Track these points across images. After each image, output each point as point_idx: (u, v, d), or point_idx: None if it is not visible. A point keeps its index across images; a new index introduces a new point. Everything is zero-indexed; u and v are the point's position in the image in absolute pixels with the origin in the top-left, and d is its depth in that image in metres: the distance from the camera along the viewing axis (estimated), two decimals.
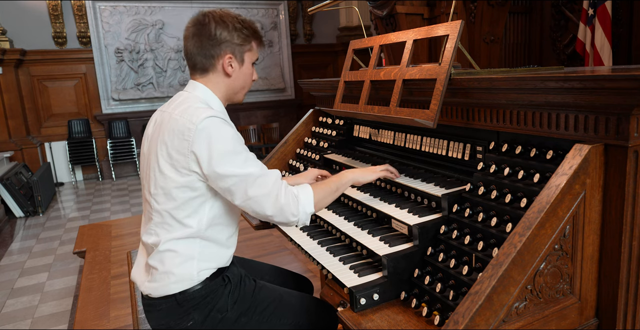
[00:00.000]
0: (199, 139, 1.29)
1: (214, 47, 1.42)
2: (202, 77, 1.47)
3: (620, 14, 4.20)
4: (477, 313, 0.95)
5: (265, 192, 1.34)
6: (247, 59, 1.48)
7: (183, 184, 1.34)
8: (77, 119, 7.56)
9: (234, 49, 1.44)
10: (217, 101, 1.48)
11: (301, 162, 2.36)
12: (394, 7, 4.28)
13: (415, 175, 1.58)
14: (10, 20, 6.98)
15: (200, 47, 1.42)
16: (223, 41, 1.42)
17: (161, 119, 1.42)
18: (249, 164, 1.34)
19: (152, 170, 1.39)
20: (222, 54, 1.43)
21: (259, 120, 9.11)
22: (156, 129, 1.43)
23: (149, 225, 1.42)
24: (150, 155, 1.41)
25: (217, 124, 1.32)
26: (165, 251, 1.37)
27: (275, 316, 1.47)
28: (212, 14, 1.44)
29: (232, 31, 1.42)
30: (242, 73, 1.49)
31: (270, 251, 3.77)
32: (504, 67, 4.21)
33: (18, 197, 5.61)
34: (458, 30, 1.37)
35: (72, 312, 3.08)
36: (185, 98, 1.44)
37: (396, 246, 1.33)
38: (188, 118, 1.32)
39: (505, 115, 1.28)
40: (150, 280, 1.40)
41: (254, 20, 8.71)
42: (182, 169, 1.32)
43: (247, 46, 1.46)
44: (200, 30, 1.42)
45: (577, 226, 1.09)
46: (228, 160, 1.31)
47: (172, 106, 1.43)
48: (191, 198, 1.35)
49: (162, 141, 1.36)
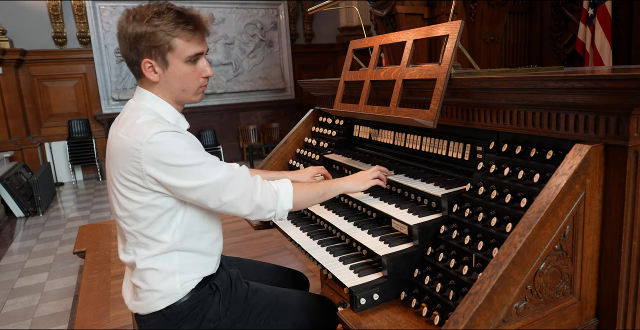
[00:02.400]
0: (151, 161, 1.20)
1: (132, 50, 1.25)
2: (141, 83, 1.34)
3: (620, 14, 4.20)
4: (477, 313, 0.95)
5: (239, 194, 1.28)
6: (172, 60, 1.27)
7: (147, 203, 1.26)
8: (77, 119, 7.57)
9: (150, 51, 1.24)
10: (167, 107, 1.34)
11: (301, 162, 2.36)
12: (394, 7, 4.28)
13: (415, 175, 1.58)
14: (10, 20, 6.99)
15: (124, 52, 1.27)
16: (137, 42, 1.23)
17: (110, 136, 1.31)
18: (214, 170, 1.25)
19: (113, 193, 1.32)
20: (139, 59, 1.26)
21: (259, 120, 9.11)
22: (108, 148, 1.32)
23: (125, 245, 1.38)
24: (110, 175, 1.32)
25: (166, 139, 1.20)
26: (145, 269, 1.33)
27: (272, 318, 1.45)
28: (130, 11, 1.25)
29: (146, 27, 1.22)
30: (174, 76, 1.29)
31: (270, 251, 3.77)
32: (504, 67, 4.21)
33: (18, 197, 5.61)
34: (458, 30, 1.37)
35: (72, 312, 3.08)
36: (131, 110, 1.31)
37: (396, 246, 1.33)
38: (133, 137, 1.21)
39: (505, 115, 1.28)
40: (136, 299, 1.37)
41: (254, 20, 8.71)
42: (142, 190, 1.25)
43: (166, 46, 1.24)
44: (120, 31, 1.26)
45: (577, 226, 1.09)
46: (190, 175, 1.22)
47: (119, 122, 1.31)
48: (159, 215, 1.28)
49: (114, 164, 1.27)
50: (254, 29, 8.80)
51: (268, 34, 8.96)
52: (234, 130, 8.90)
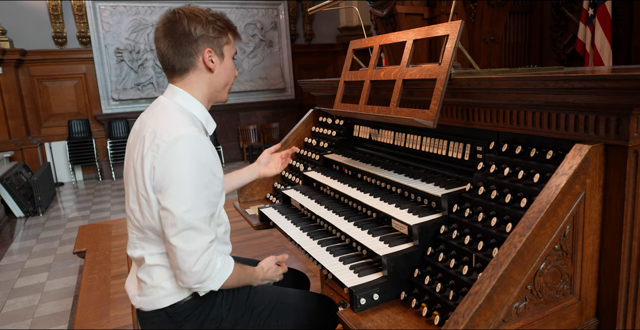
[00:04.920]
0: (166, 155, 1.23)
1: (190, 44, 1.34)
2: (182, 80, 1.39)
3: (620, 14, 4.20)
4: (477, 313, 0.95)
5: (192, 249, 1.24)
6: (226, 53, 1.41)
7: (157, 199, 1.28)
8: (77, 119, 7.57)
9: (211, 42, 1.37)
10: (199, 106, 1.41)
11: (301, 162, 2.36)
12: (394, 7, 4.28)
13: (415, 175, 1.58)
14: (10, 20, 6.98)
15: (175, 47, 1.34)
16: (199, 36, 1.34)
17: (139, 128, 1.36)
18: (202, 210, 1.24)
19: (129, 185, 1.34)
20: (201, 49, 1.35)
21: (259, 120, 9.11)
22: (134, 139, 1.36)
23: (133, 239, 1.39)
24: (129, 166, 1.35)
25: (189, 143, 1.24)
26: (153, 265, 1.34)
27: (273, 318, 1.46)
28: (182, 10, 1.35)
29: (207, 24, 1.35)
30: (224, 68, 1.42)
31: (270, 251, 3.77)
32: (504, 67, 4.21)
33: (18, 197, 5.61)
34: (458, 30, 1.37)
35: (72, 312, 3.08)
36: (162, 106, 1.37)
37: (396, 246, 1.33)
38: (161, 132, 1.25)
39: (505, 115, 1.28)
40: (141, 295, 1.38)
41: (254, 20, 8.73)
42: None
43: (224, 39, 1.40)
44: (173, 28, 1.33)
45: (577, 226, 1.09)
46: (178, 190, 1.22)
47: (150, 115, 1.36)
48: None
49: (138, 154, 1.30)
50: (254, 29, 8.80)
51: (268, 34, 8.96)
52: (234, 130, 8.90)
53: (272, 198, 2.31)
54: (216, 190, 1.31)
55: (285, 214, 1.93)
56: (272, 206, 2.07)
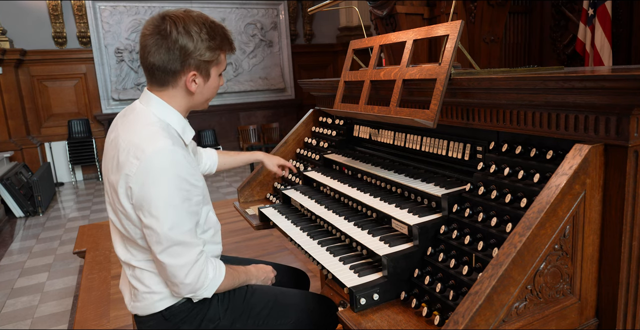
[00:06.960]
0: (142, 175, 1.18)
1: (174, 62, 1.23)
2: (159, 91, 1.30)
3: (620, 14, 4.20)
4: (477, 313, 0.95)
5: (181, 263, 1.23)
6: (213, 73, 1.32)
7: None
8: (77, 119, 7.57)
9: (199, 64, 1.25)
10: (175, 115, 1.32)
11: (301, 162, 2.36)
12: (394, 7, 4.28)
13: (415, 175, 1.58)
14: (10, 20, 6.99)
15: (159, 60, 1.23)
16: (187, 56, 1.23)
17: (114, 137, 1.29)
18: (185, 222, 1.22)
19: (106, 195, 1.33)
20: (186, 71, 1.25)
21: (259, 120, 9.12)
22: (108, 149, 1.30)
23: (120, 241, 1.37)
24: (106, 174, 1.30)
25: (164, 159, 1.18)
26: (142, 270, 1.34)
27: (272, 317, 1.45)
28: (174, 21, 1.21)
29: (198, 43, 1.23)
30: (207, 88, 1.33)
31: (270, 251, 3.77)
32: (504, 67, 4.21)
33: (18, 197, 5.61)
34: (458, 30, 1.37)
35: (72, 312, 3.08)
36: (136, 115, 1.28)
37: (396, 246, 1.33)
38: (135, 149, 1.19)
39: (505, 115, 1.28)
40: (135, 300, 1.37)
41: (254, 20, 8.72)
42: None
43: (214, 61, 1.29)
44: (160, 40, 1.21)
45: (577, 226, 1.09)
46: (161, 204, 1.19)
47: (124, 123, 1.29)
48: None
49: (112, 169, 1.25)
50: (254, 29, 8.80)
51: (268, 34, 8.96)
52: (234, 130, 8.90)
53: (272, 198, 2.31)
54: (197, 199, 1.27)
55: (285, 214, 1.93)
56: (272, 206, 2.07)
